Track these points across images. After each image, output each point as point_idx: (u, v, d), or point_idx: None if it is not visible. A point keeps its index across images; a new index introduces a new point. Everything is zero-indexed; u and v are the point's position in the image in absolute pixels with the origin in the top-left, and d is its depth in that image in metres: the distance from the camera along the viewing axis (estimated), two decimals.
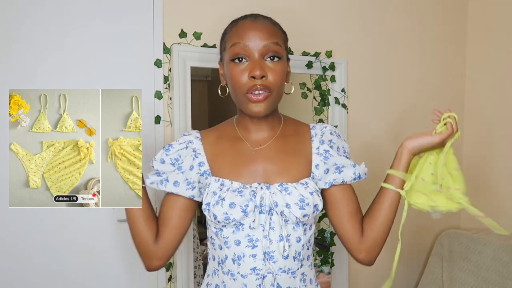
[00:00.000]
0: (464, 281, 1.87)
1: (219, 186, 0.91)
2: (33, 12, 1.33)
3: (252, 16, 0.93)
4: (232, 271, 0.91)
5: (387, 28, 1.94)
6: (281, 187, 0.89)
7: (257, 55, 0.87)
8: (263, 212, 0.88)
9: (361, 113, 1.88)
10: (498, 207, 2.01)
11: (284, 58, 0.91)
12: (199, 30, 1.54)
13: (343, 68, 1.78)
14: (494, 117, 2.04)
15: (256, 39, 0.87)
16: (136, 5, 1.45)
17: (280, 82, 0.89)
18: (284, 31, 0.96)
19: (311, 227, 0.95)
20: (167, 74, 1.50)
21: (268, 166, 0.93)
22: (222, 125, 1.04)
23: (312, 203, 0.88)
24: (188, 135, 1.00)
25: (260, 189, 0.88)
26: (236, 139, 0.98)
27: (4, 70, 1.29)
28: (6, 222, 1.31)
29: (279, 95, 0.91)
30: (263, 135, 0.97)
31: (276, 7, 1.69)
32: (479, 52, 2.11)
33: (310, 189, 0.89)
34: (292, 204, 0.86)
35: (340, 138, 0.99)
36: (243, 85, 0.87)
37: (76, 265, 1.41)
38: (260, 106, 0.87)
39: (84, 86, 1.36)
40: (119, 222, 1.45)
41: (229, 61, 0.90)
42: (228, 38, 0.92)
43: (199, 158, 0.96)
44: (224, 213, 0.87)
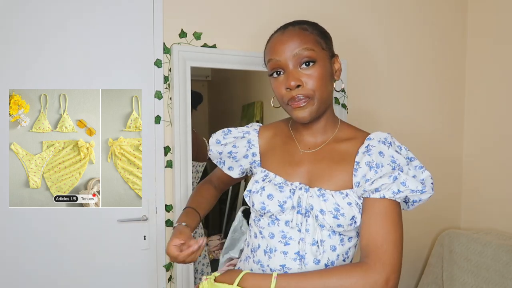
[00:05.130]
0: (464, 281, 1.86)
1: (263, 177, 0.95)
2: (33, 12, 1.33)
3: (282, 27, 0.94)
4: (262, 262, 0.92)
5: (387, 29, 1.94)
6: (319, 192, 0.88)
7: (291, 66, 0.88)
8: (300, 212, 0.88)
9: (361, 113, 1.88)
10: (498, 207, 2.01)
11: (321, 60, 0.89)
12: (199, 30, 1.54)
13: (343, 68, 1.78)
14: (494, 117, 2.04)
15: (286, 51, 0.88)
16: (136, 5, 1.45)
17: (320, 86, 0.88)
18: (322, 31, 0.95)
19: (351, 240, 0.90)
20: (167, 74, 1.50)
21: (313, 169, 0.93)
22: (279, 123, 1.08)
23: (349, 215, 0.84)
24: (250, 126, 1.07)
25: (299, 190, 0.89)
26: (289, 138, 1.01)
27: (4, 70, 1.29)
28: (6, 222, 1.31)
29: (324, 97, 0.90)
30: (314, 139, 0.97)
31: (276, 7, 1.69)
32: (479, 52, 2.11)
33: (349, 200, 0.86)
34: (326, 211, 0.85)
35: (391, 147, 0.90)
36: (283, 97, 0.90)
37: (76, 265, 1.41)
38: (304, 111, 0.88)
39: (84, 86, 1.36)
40: (119, 222, 1.45)
41: (270, 76, 0.94)
42: (265, 54, 0.95)
43: (253, 149, 1.03)
44: (261, 203, 0.90)
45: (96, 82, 1.39)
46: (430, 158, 2.11)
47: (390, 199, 0.83)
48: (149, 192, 1.47)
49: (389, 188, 0.82)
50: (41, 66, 1.34)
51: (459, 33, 2.14)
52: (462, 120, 2.18)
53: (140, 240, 1.49)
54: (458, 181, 2.19)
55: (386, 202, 0.83)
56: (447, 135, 2.15)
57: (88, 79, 1.39)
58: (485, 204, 2.07)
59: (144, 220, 1.47)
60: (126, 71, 1.44)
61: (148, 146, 1.46)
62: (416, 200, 0.87)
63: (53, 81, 1.34)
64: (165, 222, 1.52)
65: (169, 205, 1.52)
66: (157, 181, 1.48)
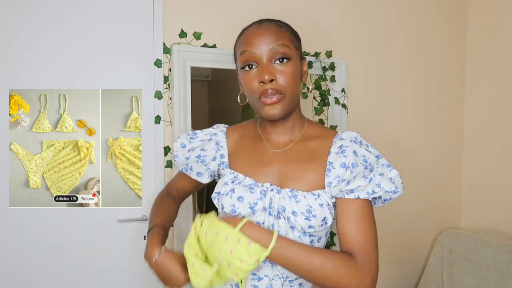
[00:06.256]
0: (464, 281, 1.87)
1: (232, 178, 0.93)
2: (33, 12, 1.33)
3: (258, 22, 0.93)
4: None
5: (387, 29, 1.94)
6: (291, 193, 0.87)
7: (265, 60, 0.87)
8: (271, 214, 0.88)
9: (361, 113, 1.88)
10: (498, 207, 2.01)
11: (294, 58, 0.90)
12: (199, 30, 1.54)
13: (343, 68, 1.78)
14: (494, 118, 2.04)
15: (262, 45, 0.87)
16: (136, 5, 1.45)
17: (292, 83, 0.88)
18: (294, 32, 0.95)
19: (320, 240, 0.91)
20: (167, 74, 1.50)
21: (283, 169, 0.92)
22: (247, 123, 1.07)
23: (320, 216, 0.85)
24: (216, 127, 1.05)
25: (270, 191, 0.88)
26: (257, 138, 1.00)
27: (4, 70, 1.29)
28: (6, 222, 1.31)
29: (294, 96, 0.91)
30: (283, 138, 0.96)
31: (276, 7, 1.69)
32: (479, 52, 2.11)
33: (321, 201, 0.86)
34: (298, 213, 0.85)
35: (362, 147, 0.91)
36: (255, 91, 0.88)
37: (76, 265, 1.41)
38: (275, 108, 0.88)
39: (84, 86, 1.35)
40: (119, 222, 1.45)
41: (241, 69, 0.91)
42: (237, 47, 0.94)
43: (221, 150, 1.00)
44: (231, 205, 0.88)
45: (96, 82, 1.39)
46: (430, 158, 2.11)
47: (364, 199, 0.86)
48: (149, 192, 1.47)
49: (364, 190, 0.85)
50: (41, 66, 1.34)
51: (459, 33, 2.14)
52: (462, 120, 2.18)
53: (140, 240, 1.49)
54: (458, 181, 2.19)
55: (361, 202, 0.86)
56: (447, 135, 2.15)
57: (88, 79, 1.39)
58: (485, 204, 2.07)
59: (144, 220, 1.47)
60: (126, 71, 1.44)
61: (148, 146, 1.46)
62: (387, 199, 0.90)
63: (53, 81, 1.34)
64: None
65: None
66: (157, 181, 1.48)
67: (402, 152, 2.02)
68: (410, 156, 2.04)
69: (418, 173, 2.06)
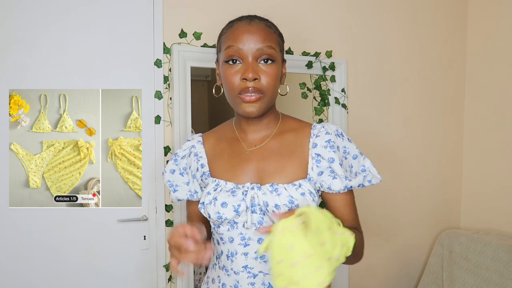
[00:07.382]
0: (464, 281, 1.87)
1: (214, 187, 0.93)
2: (34, 12, 1.33)
3: (248, 18, 0.93)
4: (226, 266, 0.93)
5: (387, 28, 1.94)
6: (272, 187, 0.89)
7: (250, 58, 0.88)
8: (255, 211, 0.89)
9: (361, 113, 1.88)
10: (498, 207, 2.01)
11: (278, 61, 0.91)
12: (199, 30, 1.54)
13: (343, 68, 1.78)
14: (494, 118, 2.04)
15: (250, 43, 0.88)
16: (136, 5, 1.45)
17: (273, 85, 0.90)
18: (280, 33, 0.97)
19: None
20: (167, 74, 1.50)
21: (262, 166, 0.93)
22: (222, 126, 1.06)
23: (303, 205, 0.86)
24: (191, 139, 1.04)
25: (251, 190, 0.89)
26: (233, 140, 1.00)
27: (4, 70, 1.29)
28: (6, 222, 1.31)
29: (273, 97, 0.92)
30: (259, 135, 0.97)
31: (276, 7, 1.69)
32: (479, 52, 2.11)
33: (302, 190, 0.88)
34: (281, 205, 0.86)
35: (341, 138, 0.95)
36: (236, 87, 0.89)
37: (76, 265, 1.41)
38: (253, 106, 0.88)
39: (84, 86, 1.35)
40: (119, 222, 1.45)
41: (224, 62, 0.91)
42: (223, 40, 0.93)
43: (201, 160, 0.99)
44: (216, 212, 0.89)
45: (96, 82, 1.39)
46: (430, 157, 2.11)
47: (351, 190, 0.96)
48: (149, 192, 1.48)
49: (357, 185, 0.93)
50: (41, 66, 1.34)
51: (459, 32, 2.14)
52: (462, 120, 2.18)
53: (140, 240, 1.49)
54: (458, 181, 2.19)
55: (351, 192, 0.95)
56: (448, 135, 2.15)
57: (88, 79, 1.39)
58: (485, 204, 2.07)
59: (144, 220, 1.47)
60: (126, 71, 1.44)
61: (148, 146, 1.46)
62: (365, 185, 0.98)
63: (53, 81, 1.34)
64: (165, 222, 1.52)
65: (169, 205, 1.52)
66: (157, 181, 1.48)
67: (402, 152, 2.02)
68: (410, 156, 2.04)
69: (418, 173, 2.07)
